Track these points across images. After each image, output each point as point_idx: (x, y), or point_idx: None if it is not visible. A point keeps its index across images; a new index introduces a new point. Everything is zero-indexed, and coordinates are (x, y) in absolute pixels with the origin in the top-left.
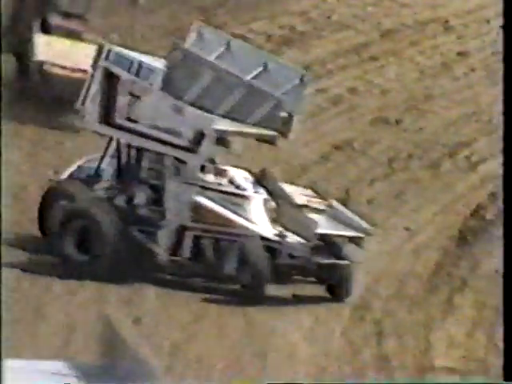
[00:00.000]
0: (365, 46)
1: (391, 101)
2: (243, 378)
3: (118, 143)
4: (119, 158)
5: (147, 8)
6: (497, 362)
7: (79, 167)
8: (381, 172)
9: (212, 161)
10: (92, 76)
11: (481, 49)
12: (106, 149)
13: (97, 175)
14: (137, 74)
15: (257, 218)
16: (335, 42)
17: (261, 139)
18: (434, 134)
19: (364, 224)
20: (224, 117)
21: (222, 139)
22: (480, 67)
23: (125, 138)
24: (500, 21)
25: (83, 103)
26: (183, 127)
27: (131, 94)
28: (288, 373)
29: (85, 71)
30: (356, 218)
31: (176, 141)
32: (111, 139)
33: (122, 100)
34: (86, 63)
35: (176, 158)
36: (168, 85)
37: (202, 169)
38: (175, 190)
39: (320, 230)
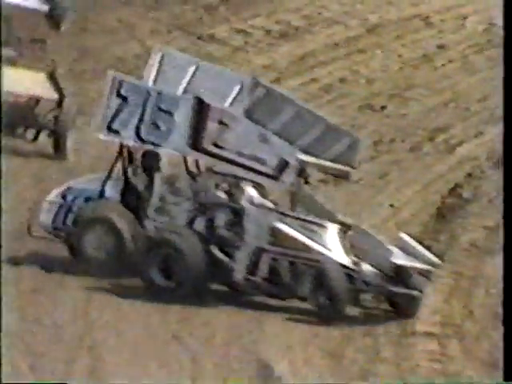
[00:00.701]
0: (353, 40)
1: (376, 89)
2: None
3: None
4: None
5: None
6: (472, 328)
7: (69, 188)
8: (367, 154)
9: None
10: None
11: (458, 42)
12: (111, 171)
13: (100, 196)
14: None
15: (332, 245)
16: (326, 36)
17: (334, 173)
18: (415, 119)
19: (432, 257)
20: (303, 150)
21: (301, 170)
22: (457, 59)
23: (210, 163)
24: (476, 17)
25: (109, 127)
26: (268, 155)
27: (219, 122)
28: None
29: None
30: (425, 251)
31: (260, 168)
32: (116, 161)
33: (211, 126)
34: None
35: (254, 184)
36: (250, 119)
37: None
38: (256, 214)
39: (396, 261)
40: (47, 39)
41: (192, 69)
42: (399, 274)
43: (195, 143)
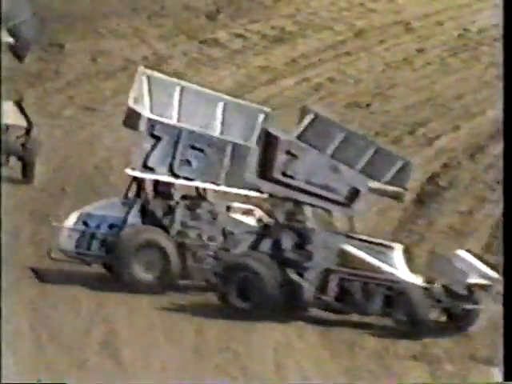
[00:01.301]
0: (341, 44)
1: (362, 88)
2: None
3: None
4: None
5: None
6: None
7: (89, 215)
8: None
9: None
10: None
11: (436, 46)
12: (126, 196)
13: (123, 223)
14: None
15: (399, 265)
16: (317, 40)
17: (388, 195)
18: (397, 115)
19: (491, 272)
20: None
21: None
22: (435, 61)
23: (281, 192)
24: (452, 23)
25: (145, 165)
26: (338, 184)
27: (287, 152)
28: None
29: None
30: (483, 266)
31: (331, 196)
32: (129, 188)
33: (279, 157)
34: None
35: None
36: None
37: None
38: (323, 237)
39: (470, 280)
40: (65, 44)
41: (178, 90)
42: (470, 292)
43: (264, 173)
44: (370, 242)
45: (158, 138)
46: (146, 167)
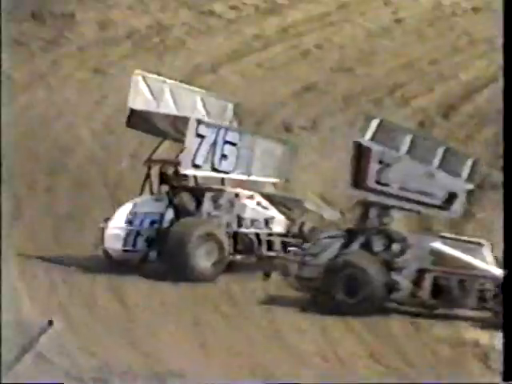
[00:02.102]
0: (326, 15)
1: (346, 55)
2: None
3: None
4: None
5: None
6: None
7: (133, 214)
8: (338, 107)
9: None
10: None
11: (412, 17)
12: (164, 196)
13: (161, 219)
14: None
15: (489, 260)
16: (305, 12)
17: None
18: (377, 78)
19: None
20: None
21: None
22: (412, 31)
23: (376, 199)
24: None
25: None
26: (435, 189)
27: (380, 162)
28: None
29: None
30: None
31: (428, 200)
32: (145, 181)
33: (372, 167)
34: None
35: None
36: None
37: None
38: (416, 238)
39: None
40: (76, 13)
41: (167, 88)
42: None
43: (358, 183)
44: (461, 240)
45: (202, 137)
46: (195, 166)
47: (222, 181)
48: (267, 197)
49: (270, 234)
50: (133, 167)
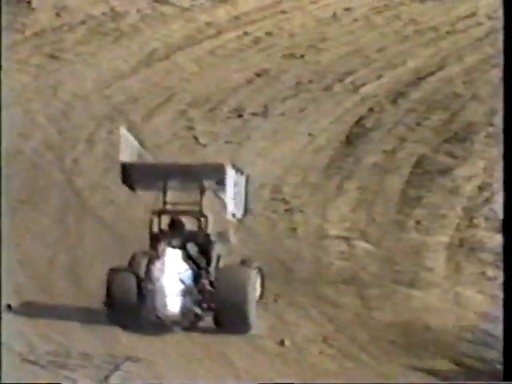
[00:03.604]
0: (277, 3)
1: (297, 42)
2: None
3: None
4: None
5: None
6: (374, 231)
7: (182, 273)
8: (290, 93)
9: None
10: None
11: (361, 6)
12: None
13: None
14: None
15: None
16: (257, 1)
17: None
18: (328, 65)
19: None
20: None
21: None
22: (361, 19)
23: None
24: None
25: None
26: None
27: None
28: None
29: None
30: None
31: None
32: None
33: None
34: None
35: None
36: None
37: None
38: None
39: None
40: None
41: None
42: None
43: None
44: None
45: (236, 186)
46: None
47: None
48: None
49: None
50: (89, 152)
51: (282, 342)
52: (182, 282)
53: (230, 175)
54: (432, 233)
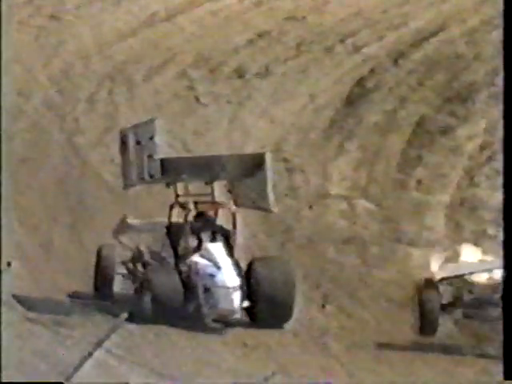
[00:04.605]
0: None
1: (299, 4)
2: None
3: None
4: None
5: None
6: (374, 190)
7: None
8: (291, 54)
9: None
10: None
11: None
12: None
13: None
14: None
15: None
16: None
17: None
18: (329, 26)
19: None
20: None
21: None
22: None
23: None
24: None
25: None
26: None
27: None
28: None
29: None
30: None
31: None
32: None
33: None
34: None
35: None
36: None
37: None
38: None
39: None
40: None
41: None
42: None
43: None
44: None
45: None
46: None
47: None
48: None
49: None
50: (89, 112)
51: None
52: (238, 275)
53: (270, 164)
54: (433, 192)
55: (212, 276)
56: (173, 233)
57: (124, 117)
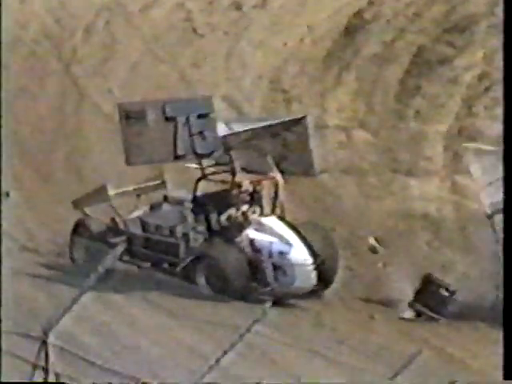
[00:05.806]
0: None
1: None
2: None
3: None
4: None
5: None
6: (371, 120)
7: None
8: None
9: None
10: None
11: None
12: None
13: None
14: None
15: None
16: None
17: None
18: None
19: None
20: None
21: None
22: None
23: None
24: None
25: None
26: None
27: None
28: None
29: None
30: None
31: None
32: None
33: None
34: None
35: None
36: None
37: None
38: None
39: None
40: None
41: None
42: None
43: None
44: None
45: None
46: None
47: None
48: None
49: None
50: (86, 41)
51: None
52: (311, 252)
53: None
54: (430, 122)
55: (282, 253)
56: (206, 204)
57: (121, 47)
